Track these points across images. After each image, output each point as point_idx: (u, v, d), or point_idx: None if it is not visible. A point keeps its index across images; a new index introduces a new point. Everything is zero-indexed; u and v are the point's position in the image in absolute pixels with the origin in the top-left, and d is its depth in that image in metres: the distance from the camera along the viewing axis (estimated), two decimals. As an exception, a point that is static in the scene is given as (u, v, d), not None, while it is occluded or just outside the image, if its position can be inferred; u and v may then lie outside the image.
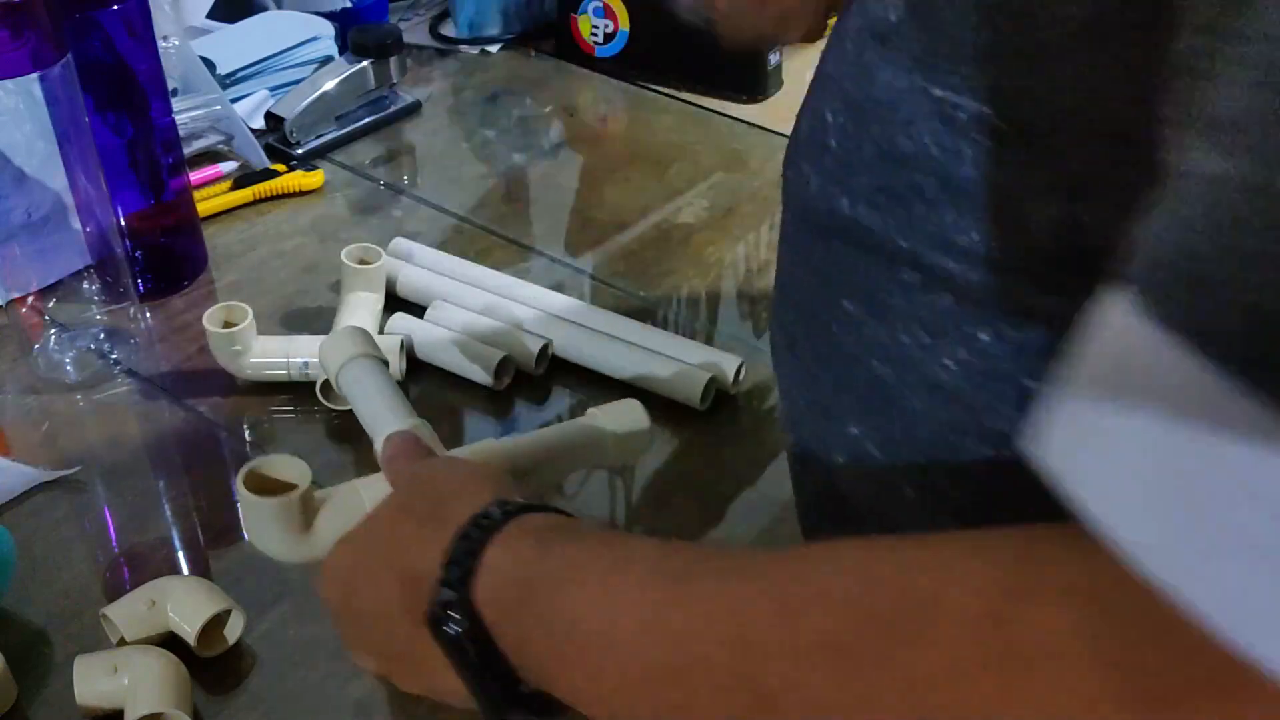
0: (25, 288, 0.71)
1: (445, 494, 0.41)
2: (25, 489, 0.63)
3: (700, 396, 0.69)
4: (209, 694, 0.54)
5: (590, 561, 0.35)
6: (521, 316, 0.74)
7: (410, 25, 1.14)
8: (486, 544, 0.36)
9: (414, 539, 0.39)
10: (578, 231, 0.84)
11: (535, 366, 0.71)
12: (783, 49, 1.06)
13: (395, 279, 0.77)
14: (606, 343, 0.72)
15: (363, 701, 0.54)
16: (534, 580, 0.35)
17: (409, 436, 0.49)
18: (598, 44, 1.08)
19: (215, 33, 1.00)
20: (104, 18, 0.68)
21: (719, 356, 0.71)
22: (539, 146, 0.98)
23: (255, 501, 0.47)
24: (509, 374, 0.71)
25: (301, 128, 0.93)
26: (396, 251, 0.80)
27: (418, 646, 0.37)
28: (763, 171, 0.95)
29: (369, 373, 0.54)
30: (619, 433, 0.54)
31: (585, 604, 0.34)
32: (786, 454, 0.47)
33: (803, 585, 0.29)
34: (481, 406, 0.70)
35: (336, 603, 0.42)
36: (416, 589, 0.37)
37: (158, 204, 0.77)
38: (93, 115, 0.70)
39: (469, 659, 0.36)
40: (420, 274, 0.78)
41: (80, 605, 0.57)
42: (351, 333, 0.56)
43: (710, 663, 0.30)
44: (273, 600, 0.58)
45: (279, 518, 0.48)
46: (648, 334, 0.73)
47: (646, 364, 0.71)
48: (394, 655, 0.41)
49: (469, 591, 0.36)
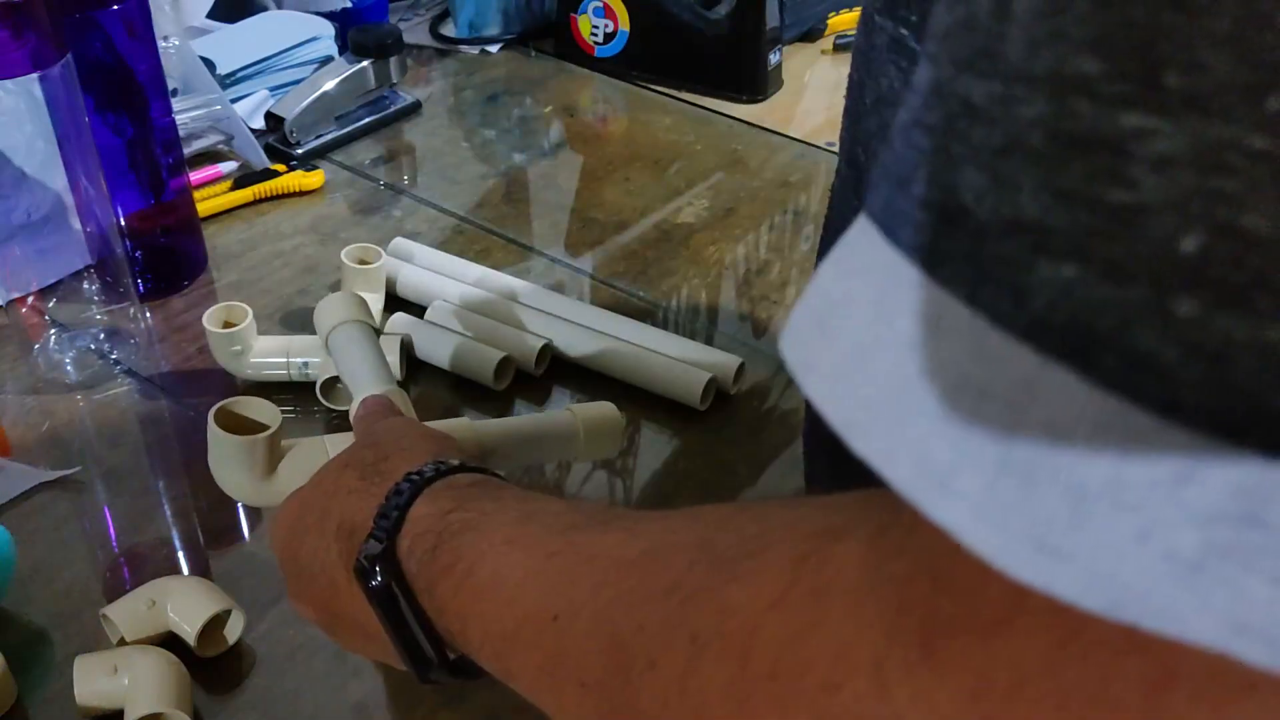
0: (25, 288, 0.71)
1: (390, 450, 0.42)
2: (25, 489, 0.63)
3: (700, 396, 0.69)
4: (209, 694, 0.54)
5: (498, 513, 0.36)
6: (522, 316, 0.74)
7: (410, 25, 1.14)
8: (415, 498, 0.37)
9: (355, 491, 0.40)
10: (578, 231, 0.84)
11: (535, 366, 0.71)
12: (782, 49, 1.06)
13: (395, 279, 0.77)
14: (606, 343, 0.72)
15: (362, 702, 0.54)
16: (443, 531, 0.36)
17: (382, 399, 0.50)
18: (598, 44, 1.08)
19: (215, 33, 1.00)
20: (104, 18, 0.68)
21: (719, 357, 0.71)
22: (539, 146, 0.98)
23: (223, 438, 0.49)
24: (509, 374, 0.71)
25: (301, 128, 0.93)
26: (396, 251, 0.80)
27: (355, 602, 0.38)
28: (763, 171, 0.95)
29: (356, 337, 0.56)
30: (590, 428, 0.56)
31: (483, 552, 0.34)
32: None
33: (667, 535, 0.30)
34: (481, 406, 0.70)
35: (281, 551, 0.43)
36: (352, 541, 0.38)
37: (158, 204, 0.77)
38: (93, 115, 0.70)
39: (393, 613, 0.36)
40: (420, 274, 0.78)
41: (80, 605, 0.57)
42: (345, 298, 0.58)
43: (577, 609, 0.30)
44: (273, 600, 0.58)
45: (243, 457, 0.49)
46: (648, 334, 0.73)
47: (646, 364, 0.71)
48: (333, 610, 0.41)
49: (394, 545, 0.37)
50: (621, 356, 0.72)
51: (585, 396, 0.71)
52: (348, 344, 0.56)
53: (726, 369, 0.70)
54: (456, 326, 0.73)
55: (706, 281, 0.82)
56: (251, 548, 0.61)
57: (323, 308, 0.58)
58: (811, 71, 1.12)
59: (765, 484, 0.67)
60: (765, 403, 0.72)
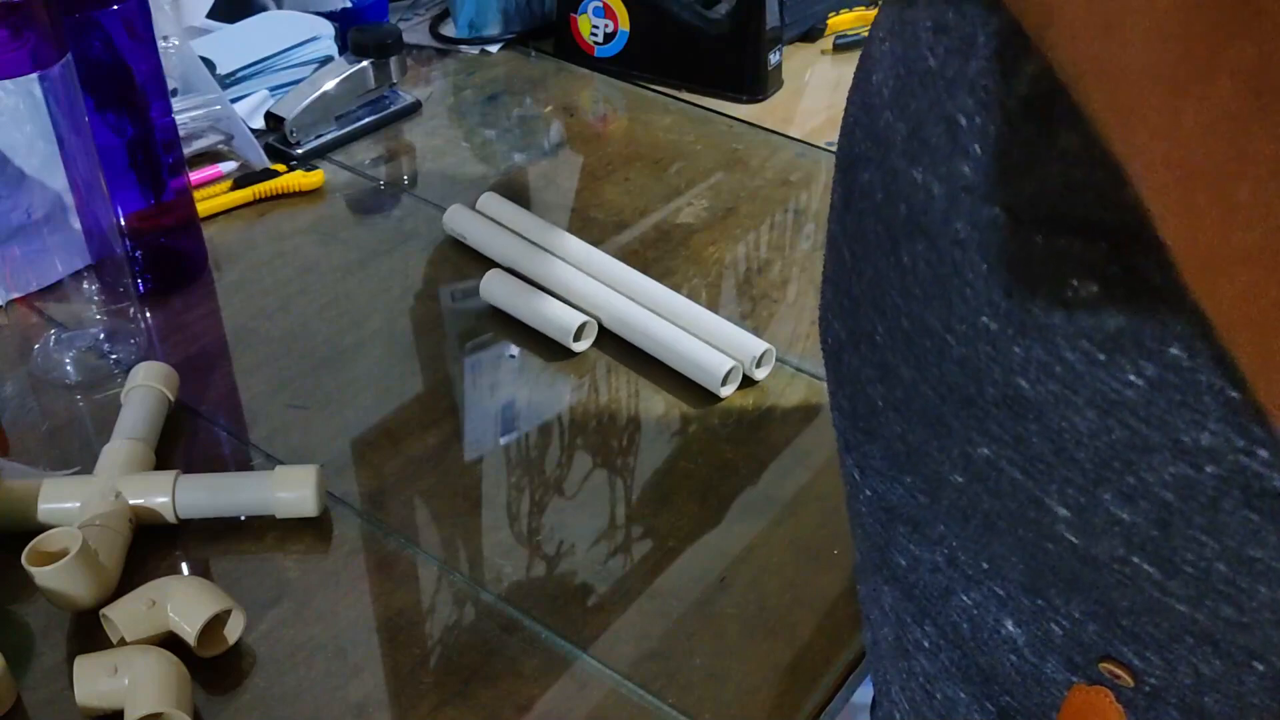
0: (25, 288, 0.71)
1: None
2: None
3: (721, 381, 0.72)
4: (209, 694, 0.54)
5: None
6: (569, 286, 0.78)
7: (410, 25, 1.14)
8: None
9: None
10: (578, 231, 0.84)
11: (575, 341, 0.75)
12: (783, 49, 1.06)
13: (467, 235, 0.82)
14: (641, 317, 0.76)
15: (363, 702, 0.54)
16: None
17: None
18: (598, 44, 1.08)
19: (215, 33, 1.00)
20: (104, 18, 0.68)
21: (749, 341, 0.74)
22: (539, 146, 0.98)
23: (37, 573, 0.54)
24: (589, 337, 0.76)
25: (301, 128, 0.93)
26: (486, 207, 0.85)
27: None
28: (763, 171, 0.95)
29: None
30: (284, 495, 0.61)
31: None
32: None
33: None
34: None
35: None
36: None
37: (158, 204, 0.77)
38: (93, 115, 0.70)
39: None
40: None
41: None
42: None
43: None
44: (273, 600, 0.58)
45: (64, 579, 0.55)
46: (690, 308, 0.77)
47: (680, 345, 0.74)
48: None
49: None
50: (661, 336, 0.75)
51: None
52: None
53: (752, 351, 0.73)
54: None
55: (707, 281, 0.82)
56: (252, 548, 0.61)
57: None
58: (811, 71, 1.12)
59: (765, 484, 0.67)
60: (765, 402, 0.72)
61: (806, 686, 0.56)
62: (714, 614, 0.59)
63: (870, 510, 0.44)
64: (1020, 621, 0.38)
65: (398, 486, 0.65)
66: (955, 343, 0.36)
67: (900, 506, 0.41)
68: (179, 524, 0.61)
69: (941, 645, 0.43)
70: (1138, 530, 0.33)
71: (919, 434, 0.38)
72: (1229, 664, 0.34)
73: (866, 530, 0.45)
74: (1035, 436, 0.34)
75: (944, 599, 0.41)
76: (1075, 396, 0.33)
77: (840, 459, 0.47)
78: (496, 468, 0.67)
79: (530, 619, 0.58)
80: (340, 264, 0.82)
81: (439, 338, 0.76)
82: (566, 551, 0.62)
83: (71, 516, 0.59)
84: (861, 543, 0.46)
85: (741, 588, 0.61)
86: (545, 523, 0.64)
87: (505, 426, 0.70)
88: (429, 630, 0.58)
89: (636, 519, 0.64)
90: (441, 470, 0.66)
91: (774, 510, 0.65)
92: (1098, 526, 0.34)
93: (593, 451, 0.68)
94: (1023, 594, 0.38)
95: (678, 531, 0.64)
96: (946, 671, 0.43)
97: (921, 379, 0.38)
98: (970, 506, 0.38)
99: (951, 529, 0.39)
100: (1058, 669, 0.38)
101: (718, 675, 0.56)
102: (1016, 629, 0.38)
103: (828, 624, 0.59)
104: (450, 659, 0.56)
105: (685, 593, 0.60)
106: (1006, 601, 0.38)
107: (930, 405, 0.38)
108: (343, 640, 0.57)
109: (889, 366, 0.39)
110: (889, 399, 0.40)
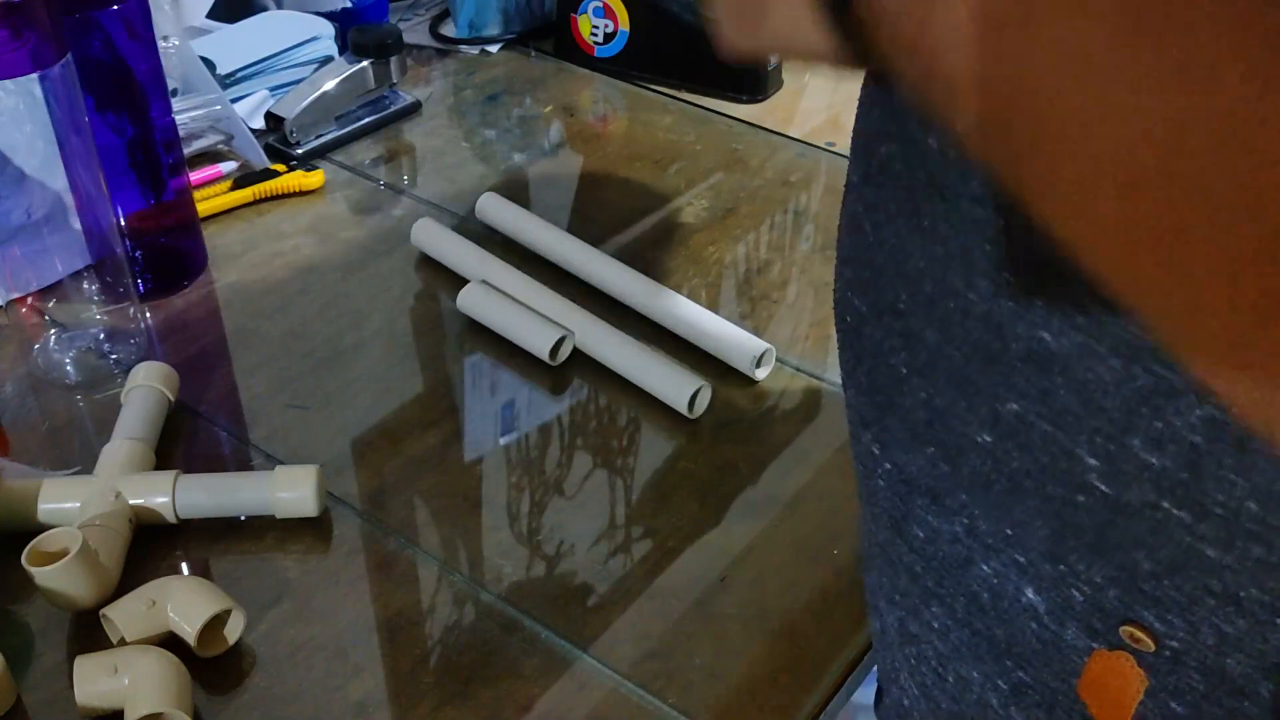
0: (25, 288, 0.71)
1: None
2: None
3: (687, 404, 0.70)
4: (209, 694, 0.54)
5: None
6: (546, 306, 0.76)
7: (410, 25, 1.14)
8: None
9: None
10: (578, 231, 0.84)
11: (552, 358, 0.73)
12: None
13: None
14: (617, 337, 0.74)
15: (363, 702, 0.54)
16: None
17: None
18: (598, 44, 1.08)
19: (215, 33, 1.00)
20: (104, 18, 0.68)
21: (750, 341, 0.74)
22: (539, 146, 0.98)
23: (36, 573, 0.54)
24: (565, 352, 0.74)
25: (301, 128, 0.93)
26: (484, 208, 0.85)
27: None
28: (763, 171, 0.95)
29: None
30: (284, 495, 0.61)
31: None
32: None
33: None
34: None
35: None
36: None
37: (158, 204, 0.77)
38: (93, 115, 0.70)
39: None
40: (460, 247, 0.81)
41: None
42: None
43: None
44: (273, 600, 0.58)
45: (64, 579, 0.55)
46: (691, 309, 0.76)
47: (645, 364, 0.71)
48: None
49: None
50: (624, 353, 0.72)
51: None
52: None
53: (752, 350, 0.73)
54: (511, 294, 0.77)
55: (707, 281, 0.82)
56: (252, 548, 0.61)
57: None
58: (811, 71, 1.12)
59: (765, 484, 0.67)
60: (765, 402, 0.72)
61: (806, 686, 0.56)
62: (714, 614, 0.59)
63: (889, 484, 0.44)
64: (1041, 589, 0.38)
65: (398, 486, 0.65)
66: (978, 299, 0.36)
67: (920, 478, 0.42)
68: (179, 524, 0.61)
69: (951, 626, 0.43)
70: (1167, 474, 0.33)
71: (945, 397, 0.39)
72: (1252, 623, 0.34)
73: (882, 508, 0.45)
74: (1062, 389, 0.35)
75: (963, 570, 0.41)
76: (1099, 345, 0.33)
77: (854, 440, 0.47)
78: (496, 468, 0.67)
79: (530, 619, 0.58)
80: (340, 264, 0.82)
81: (439, 338, 0.76)
82: (566, 551, 0.62)
83: (71, 516, 0.59)
84: (874, 523, 0.47)
85: (741, 588, 0.61)
86: (545, 523, 0.64)
87: (505, 426, 0.70)
88: (429, 630, 0.58)
89: (636, 519, 0.65)
90: (441, 470, 0.67)
91: (774, 510, 0.65)
92: (1128, 474, 0.34)
93: (593, 451, 0.68)
94: (1044, 560, 0.38)
95: (678, 531, 0.64)
96: (958, 651, 0.43)
97: (946, 340, 0.38)
98: (995, 470, 0.38)
99: (974, 496, 0.39)
100: (1078, 636, 0.38)
101: (718, 675, 0.56)
102: (1037, 596, 0.39)
103: (828, 624, 0.59)
104: (450, 659, 0.56)
105: (685, 593, 0.60)
106: (1027, 569, 0.39)
107: (956, 366, 0.38)
108: (343, 640, 0.57)
109: (913, 334, 0.40)
110: (913, 365, 0.40)
